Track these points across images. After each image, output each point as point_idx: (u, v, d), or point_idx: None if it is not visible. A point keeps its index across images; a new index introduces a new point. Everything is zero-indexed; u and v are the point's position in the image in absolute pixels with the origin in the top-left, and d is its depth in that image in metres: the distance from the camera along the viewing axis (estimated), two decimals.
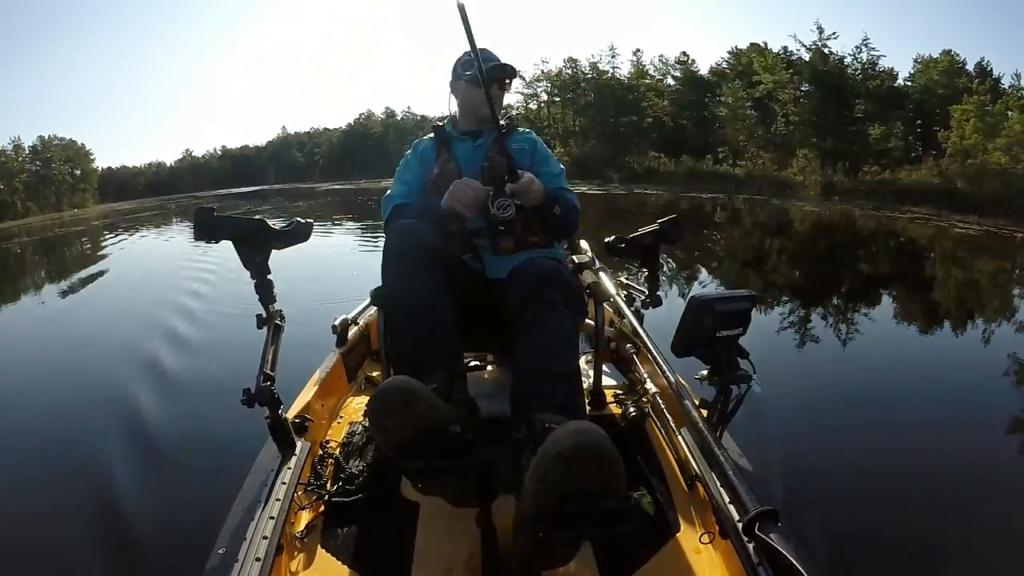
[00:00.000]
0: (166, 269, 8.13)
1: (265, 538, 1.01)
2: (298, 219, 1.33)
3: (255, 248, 1.28)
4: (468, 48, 1.29)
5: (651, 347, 1.33)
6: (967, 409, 2.89)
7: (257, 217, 1.33)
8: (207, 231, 1.21)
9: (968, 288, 6.16)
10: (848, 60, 24.14)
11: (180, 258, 8.58)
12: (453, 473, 0.93)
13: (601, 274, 1.51)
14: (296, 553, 1.10)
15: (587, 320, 1.58)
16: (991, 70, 23.31)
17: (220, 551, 0.99)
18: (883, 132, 22.94)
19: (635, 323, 1.38)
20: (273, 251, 1.32)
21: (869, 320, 4.79)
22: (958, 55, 23.98)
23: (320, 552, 1.11)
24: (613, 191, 20.39)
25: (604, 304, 1.54)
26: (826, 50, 24.12)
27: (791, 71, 24.86)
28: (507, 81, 1.53)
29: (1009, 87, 20.67)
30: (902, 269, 7.36)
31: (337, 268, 7.01)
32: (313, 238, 1.39)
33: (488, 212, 1.31)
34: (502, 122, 1.47)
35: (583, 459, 0.75)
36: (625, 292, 1.81)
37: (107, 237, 15.60)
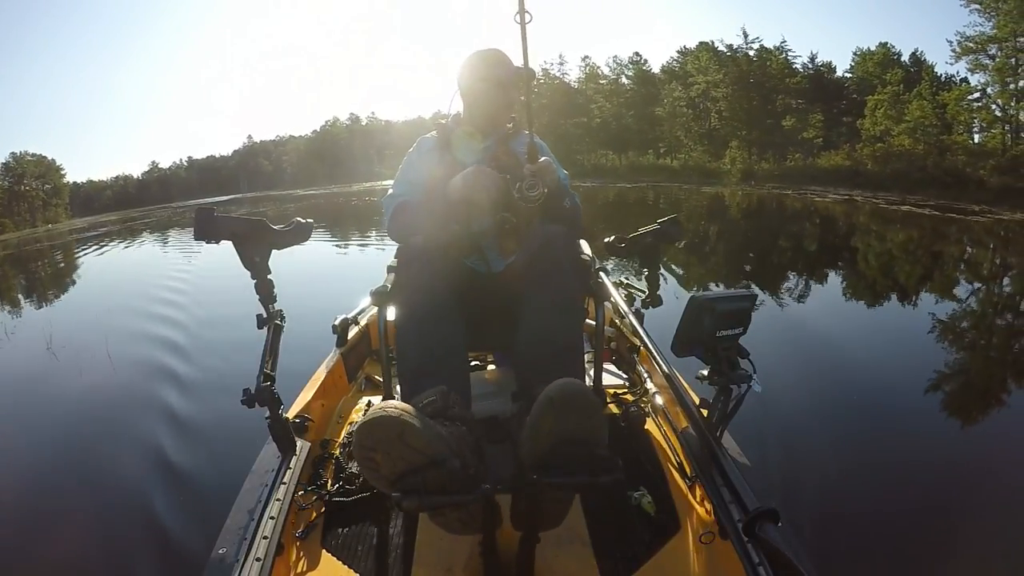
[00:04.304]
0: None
1: (265, 538, 1.00)
2: (298, 219, 1.32)
3: (255, 248, 1.26)
4: (483, 51, 1.31)
5: (651, 347, 1.33)
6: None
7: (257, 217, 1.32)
8: (207, 231, 1.19)
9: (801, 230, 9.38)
10: (769, 60, 26.20)
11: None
12: (453, 507, 0.86)
13: (601, 274, 1.51)
14: (296, 553, 1.10)
15: (587, 320, 1.59)
16: (925, 59, 24.55)
17: (220, 551, 0.98)
18: (794, 124, 25.34)
19: (635, 323, 1.39)
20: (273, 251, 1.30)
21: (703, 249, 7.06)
22: (893, 47, 25.31)
23: (320, 552, 1.10)
24: None
25: (604, 304, 1.55)
26: (751, 52, 26.38)
27: (723, 71, 26.76)
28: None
29: (931, 77, 21.79)
30: (748, 218, 10.99)
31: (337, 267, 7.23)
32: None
33: (509, 198, 1.27)
34: (509, 125, 1.48)
35: (570, 405, 0.83)
36: (625, 292, 1.82)
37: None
